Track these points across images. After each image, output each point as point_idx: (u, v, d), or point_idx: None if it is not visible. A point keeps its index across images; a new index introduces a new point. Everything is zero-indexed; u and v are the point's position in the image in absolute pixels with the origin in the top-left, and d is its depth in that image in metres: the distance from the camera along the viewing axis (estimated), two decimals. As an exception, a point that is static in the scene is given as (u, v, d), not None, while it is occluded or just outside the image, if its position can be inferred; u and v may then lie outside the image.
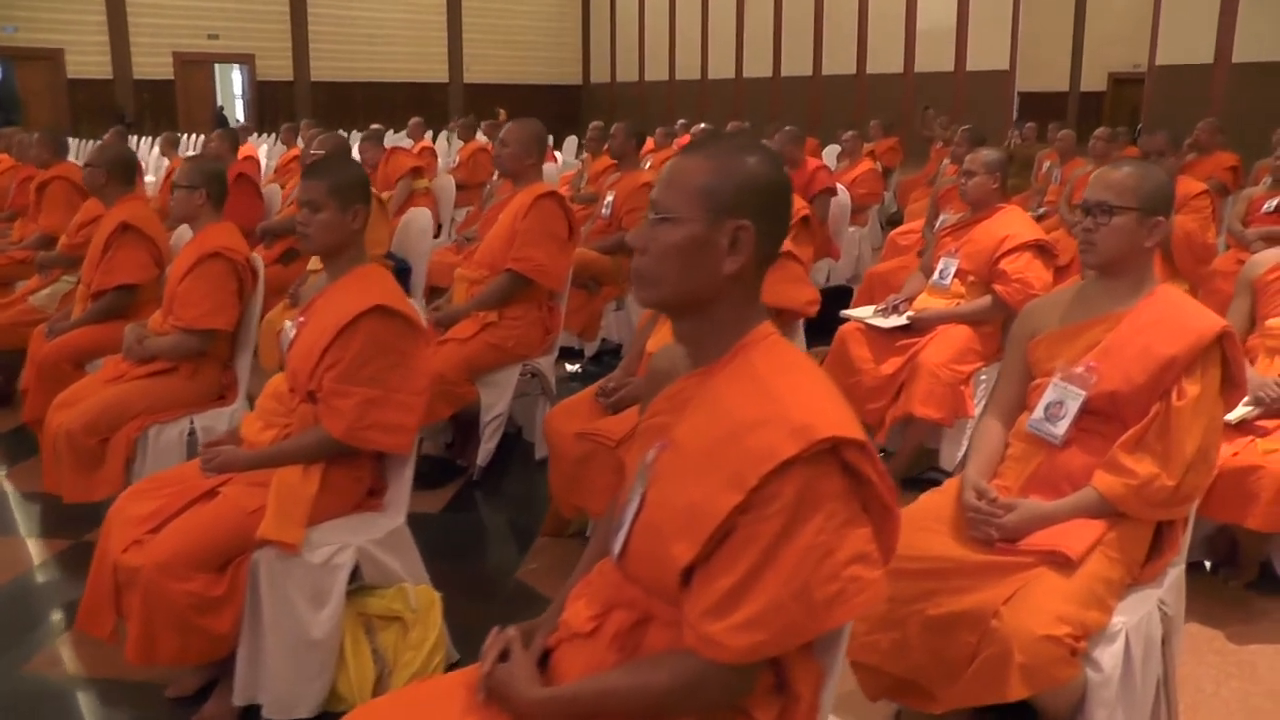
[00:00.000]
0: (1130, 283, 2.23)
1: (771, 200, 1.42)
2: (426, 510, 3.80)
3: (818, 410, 1.31)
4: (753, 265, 1.42)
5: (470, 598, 3.18)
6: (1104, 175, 2.22)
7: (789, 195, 1.46)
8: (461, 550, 3.53)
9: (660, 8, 24.47)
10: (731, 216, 1.39)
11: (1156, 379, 2.09)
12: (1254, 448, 2.87)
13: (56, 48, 21.10)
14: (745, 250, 1.40)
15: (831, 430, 1.28)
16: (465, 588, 3.28)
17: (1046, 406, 2.18)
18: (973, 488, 2.15)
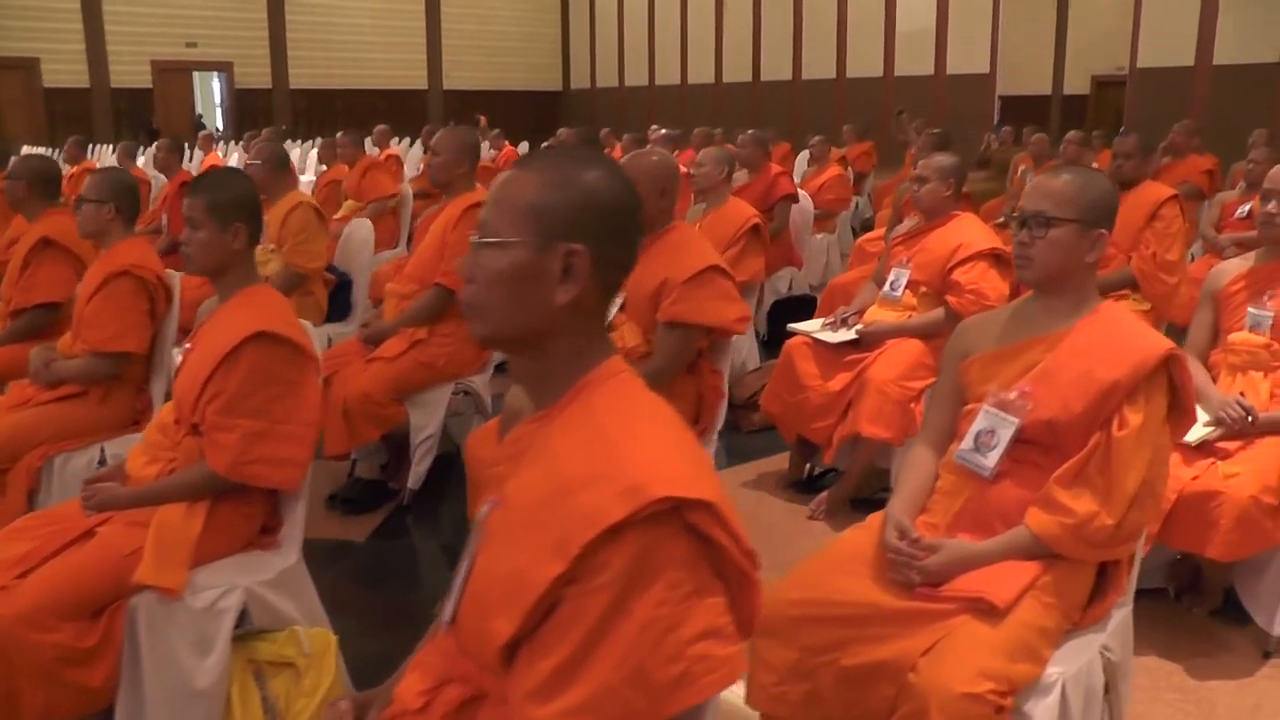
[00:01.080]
0: (1071, 300, 2.05)
1: (612, 222, 1.25)
2: (353, 538, 3.63)
3: (657, 466, 1.13)
4: (593, 294, 1.25)
5: (390, 629, 3.00)
6: (1042, 184, 2.05)
7: (634, 216, 1.29)
8: (385, 579, 3.35)
9: (639, 13, 24.34)
10: (563, 240, 1.22)
11: (1097, 406, 1.92)
12: (1215, 471, 2.70)
13: (32, 57, 20.85)
14: (579, 278, 1.23)
15: (669, 489, 1.10)
16: (386, 619, 3.10)
17: (976, 435, 2.00)
18: (894, 526, 1.97)
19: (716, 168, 4.52)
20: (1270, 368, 2.89)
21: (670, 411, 1.27)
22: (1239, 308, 2.99)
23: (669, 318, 2.82)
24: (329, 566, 3.45)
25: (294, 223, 4.58)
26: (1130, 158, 4.49)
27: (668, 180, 2.91)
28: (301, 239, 4.58)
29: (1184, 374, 1.93)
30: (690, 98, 23.09)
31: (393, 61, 24.82)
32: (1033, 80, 18.78)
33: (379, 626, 3.04)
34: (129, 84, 21.70)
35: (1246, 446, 2.76)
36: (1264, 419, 2.78)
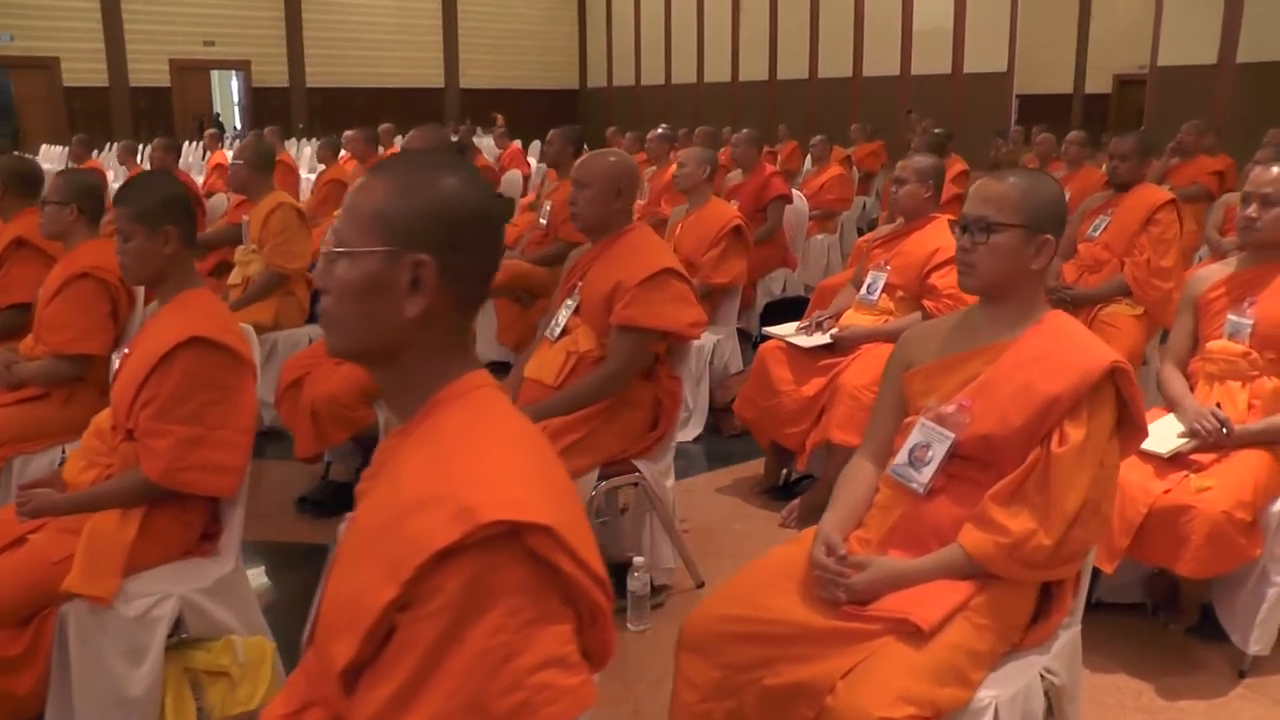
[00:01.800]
0: (1016, 310, 1.96)
1: (463, 231, 1.19)
2: (322, 541, 3.57)
3: (493, 487, 1.07)
4: (446, 306, 1.19)
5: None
6: (984, 187, 1.97)
7: (489, 225, 1.23)
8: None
9: (656, 12, 24.26)
10: (410, 249, 1.16)
11: (1037, 421, 1.83)
12: (1187, 485, 2.61)
13: (52, 56, 21.00)
14: (427, 290, 1.17)
15: (502, 513, 1.04)
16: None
17: (911, 450, 1.92)
18: (823, 541, 1.90)
19: (698, 167, 4.44)
20: (1248, 377, 2.79)
21: (526, 429, 1.20)
22: (1219, 314, 2.89)
23: (621, 321, 2.75)
24: (297, 570, 3.41)
25: (275, 223, 4.54)
26: (1127, 159, 4.38)
27: (623, 180, 2.84)
28: (282, 239, 4.54)
29: (1131, 387, 1.85)
30: (706, 96, 23.00)
31: (409, 60, 24.86)
32: (1053, 79, 18.56)
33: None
34: (147, 83, 21.82)
35: (1221, 460, 2.66)
36: (1239, 431, 2.68)
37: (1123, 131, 4.62)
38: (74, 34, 20.95)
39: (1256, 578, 2.67)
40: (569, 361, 2.85)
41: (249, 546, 3.52)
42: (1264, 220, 2.79)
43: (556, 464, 1.20)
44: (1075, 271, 4.45)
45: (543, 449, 1.19)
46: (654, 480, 2.89)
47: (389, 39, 24.47)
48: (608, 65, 26.25)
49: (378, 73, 24.36)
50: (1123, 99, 18.50)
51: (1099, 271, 4.37)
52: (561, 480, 1.17)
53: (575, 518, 1.12)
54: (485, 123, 21.11)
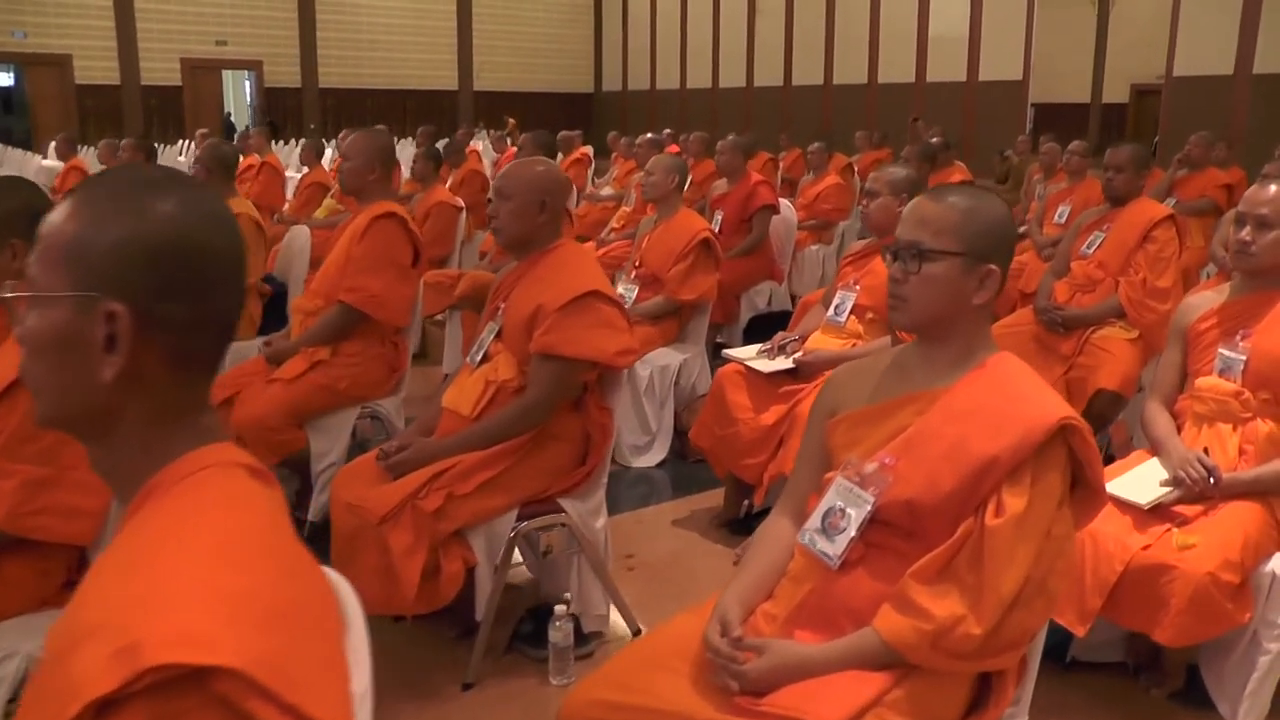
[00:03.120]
0: (955, 351, 1.68)
1: (171, 273, 0.94)
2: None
3: (173, 616, 0.81)
4: (157, 368, 0.94)
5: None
6: (919, 208, 1.69)
7: (216, 262, 0.97)
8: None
9: (672, 16, 24.05)
10: (105, 295, 0.91)
11: (970, 486, 1.55)
12: (1168, 541, 2.32)
13: (65, 54, 20.96)
14: (123, 347, 0.92)
15: (170, 655, 0.77)
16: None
17: (825, 514, 1.65)
18: (717, 618, 1.63)
19: (666, 177, 4.18)
20: (1240, 419, 2.49)
21: (255, 526, 0.94)
22: (1209, 348, 2.60)
23: (539, 348, 2.49)
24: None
25: None
26: (1122, 171, 4.08)
27: (548, 192, 2.58)
28: None
29: (1086, 447, 1.56)
30: (721, 101, 22.78)
31: (423, 61, 24.71)
32: (1070, 88, 18.21)
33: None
34: (159, 81, 21.76)
35: (1208, 513, 2.38)
36: (1228, 481, 2.39)
37: (1118, 142, 4.32)
38: (87, 31, 20.91)
39: (1247, 644, 2.38)
40: (488, 391, 2.59)
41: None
42: (1259, 244, 2.50)
43: (293, 575, 0.93)
44: (1067, 291, 4.15)
45: (272, 552, 0.93)
46: (581, 520, 2.63)
47: (403, 40, 24.33)
48: (623, 69, 26.05)
49: (391, 74, 24.21)
50: (1140, 109, 18.13)
51: (1092, 291, 4.08)
52: (293, 598, 0.91)
53: (299, 650, 0.86)
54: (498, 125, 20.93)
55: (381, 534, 2.45)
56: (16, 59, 20.89)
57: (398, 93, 24.17)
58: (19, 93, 21.87)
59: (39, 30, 20.48)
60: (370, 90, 23.88)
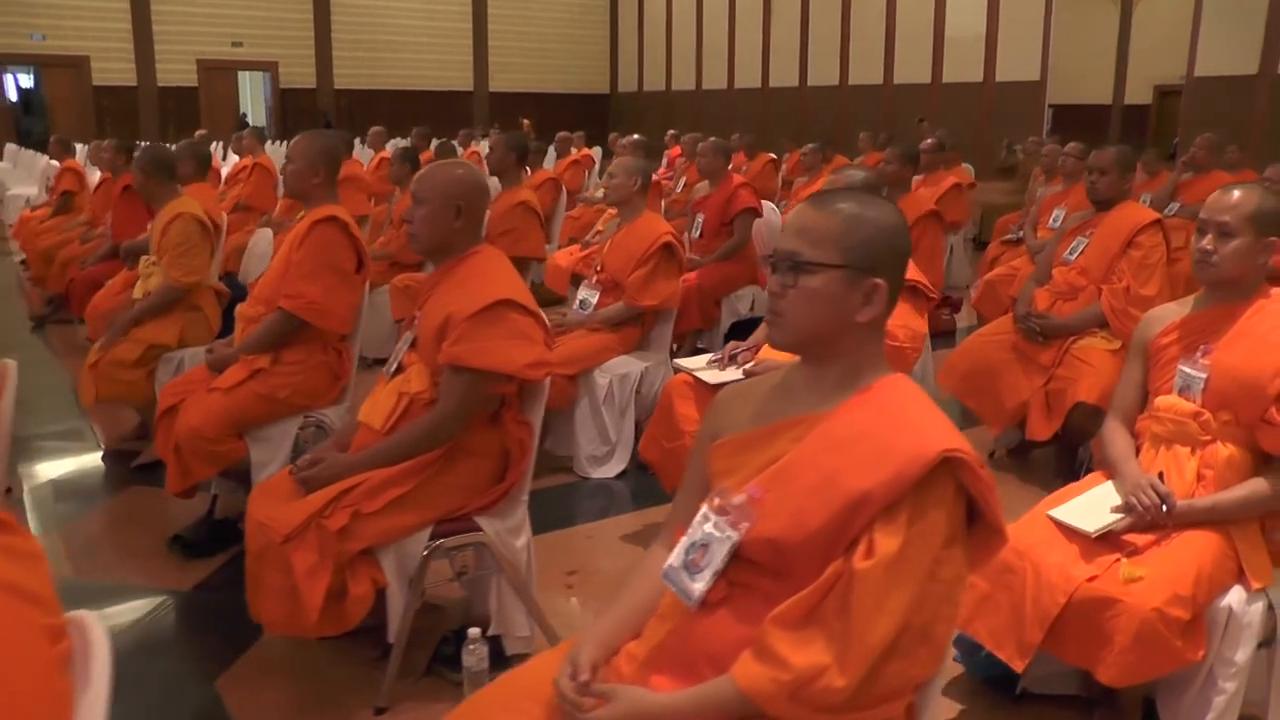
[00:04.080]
0: (840, 373, 1.52)
1: None
2: (175, 587, 3.22)
3: None
4: None
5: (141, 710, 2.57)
6: (799, 215, 1.53)
7: None
8: (169, 647, 2.90)
9: (688, 17, 23.94)
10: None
11: (839, 524, 1.39)
12: (1115, 573, 2.15)
13: (82, 55, 21.08)
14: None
15: None
16: (146, 695, 2.65)
17: (688, 549, 1.50)
18: (569, 660, 1.49)
19: (628, 179, 4.03)
20: (1199, 442, 2.31)
21: None
22: (1169, 364, 2.42)
23: (447, 359, 2.35)
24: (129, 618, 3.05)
25: (173, 234, 4.18)
26: (1106, 173, 3.91)
27: (465, 197, 2.44)
28: (180, 251, 4.18)
29: (977, 480, 1.40)
30: (737, 102, 22.64)
31: (438, 63, 24.71)
32: (1091, 89, 17.92)
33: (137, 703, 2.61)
34: (175, 82, 21.85)
35: (1159, 543, 2.21)
36: (1183, 509, 2.22)
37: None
38: (103, 33, 21.03)
39: (1203, 682, 2.20)
40: (400, 403, 2.46)
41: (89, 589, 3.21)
42: (1221, 254, 2.33)
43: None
44: (1048, 298, 3.98)
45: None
46: (500, 539, 2.49)
47: (418, 41, 24.33)
48: (638, 70, 25.95)
49: (406, 75, 24.23)
50: (1163, 110, 17.80)
51: (1074, 299, 3.90)
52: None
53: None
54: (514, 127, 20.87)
55: (285, 553, 2.32)
56: (35, 61, 21.04)
57: (412, 94, 24.17)
58: (38, 94, 22.03)
59: (56, 32, 20.61)
60: (385, 91, 23.90)
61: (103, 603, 3.14)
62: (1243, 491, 2.24)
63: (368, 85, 23.76)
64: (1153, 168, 6.68)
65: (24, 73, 22.33)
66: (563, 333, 4.04)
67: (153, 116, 21.39)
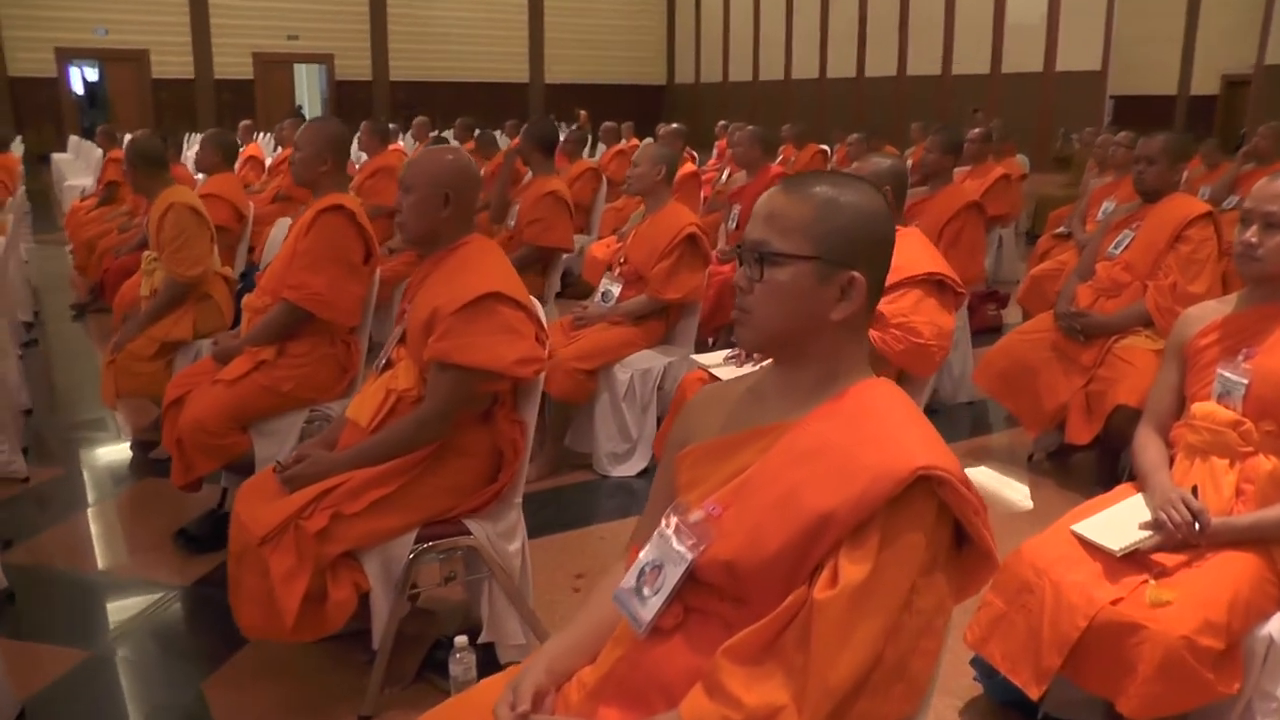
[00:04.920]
0: (814, 376, 1.36)
1: None
2: (177, 581, 3.17)
3: None
4: None
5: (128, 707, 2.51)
6: (769, 201, 1.37)
7: None
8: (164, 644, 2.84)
9: (745, 7, 23.71)
10: None
11: (802, 547, 1.24)
12: (1141, 595, 1.98)
13: (142, 49, 21.46)
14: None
15: None
16: (134, 692, 2.59)
17: (641, 570, 1.36)
18: (510, 687, 1.38)
19: (652, 168, 3.89)
20: (1239, 454, 2.12)
21: None
22: (1207, 368, 2.23)
23: (433, 355, 2.24)
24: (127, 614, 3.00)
25: (168, 228, 4.07)
26: (1154, 163, 3.69)
27: (454, 185, 2.33)
28: (179, 245, 4.07)
29: (960, 500, 1.24)
30: (794, 93, 22.39)
31: (494, 54, 24.73)
32: (1155, 79, 17.35)
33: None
34: (232, 75, 22.14)
35: (1192, 564, 2.02)
36: (1219, 527, 2.03)
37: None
38: (162, 27, 21.39)
39: (1239, 718, 2.03)
40: (388, 400, 2.35)
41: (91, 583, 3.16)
42: (1267, 247, 2.13)
43: None
44: (1090, 295, 3.77)
45: None
46: (491, 543, 2.38)
47: (473, 33, 24.38)
48: (695, 61, 25.77)
49: (462, 67, 24.30)
50: (1231, 101, 17.12)
51: (1117, 296, 3.69)
52: None
53: None
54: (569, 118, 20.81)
55: (262, 556, 2.24)
56: (99, 55, 21.48)
57: (468, 85, 24.23)
58: (102, 88, 22.49)
59: (118, 27, 20.99)
60: (440, 83, 23.98)
61: (104, 597, 3.10)
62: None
63: (423, 77, 23.86)
64: (1213, 159, 6.38)
65: (90, 66, 22.81)
66: (584, 325, 3.93)
67: (209, 109, 21.69)
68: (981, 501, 1.26)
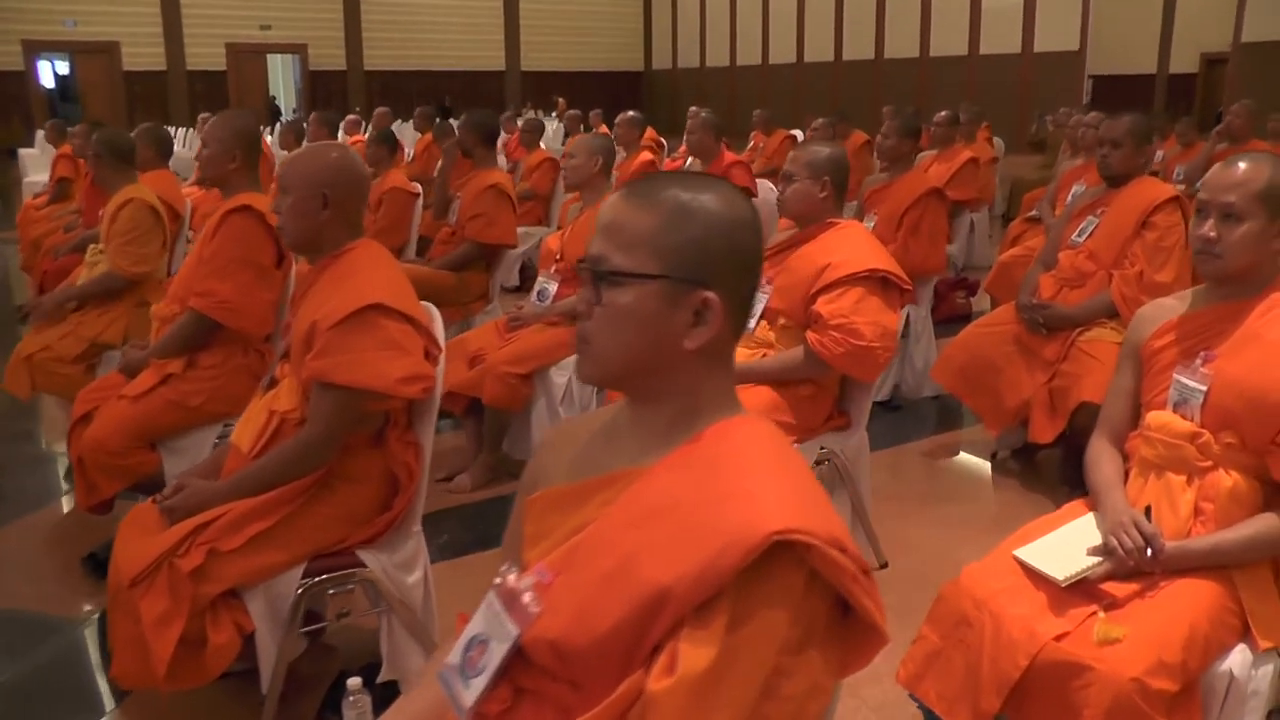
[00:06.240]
0: (668, 415, 1.16)
1: None
2: (72, 614, 2.96)
3: None
4: None
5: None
6: (609, 209, 1.15)
7: None
8: (53, 686, 2.63)
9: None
10: None
11: (638, 627, 1.03)
12: (1089, 630, 1.78)
13: (113, 41, 21.12)
14: None
15: None
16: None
17: (468, 644, 1.16)
18: None
19: (589, 159, 3.68)
20: (1197, 469, 1.92)
21: None
22: (1163, 372, 2.04)
23: (310, 374, 2.04)
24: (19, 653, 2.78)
25: (122, 220, 3.89)
26: (1119, 146, 3.50)
27: (333, 185, 2.12)
28: (129, 239, 3.90)
29: (834, 568, 1.03)
30: (771, 78, 22.20)
31: (469, 42, 24.46)
32: (1134, 58, 17.18)
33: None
34: (204, 66, 21.83)
35: (1145, 594, 1.82)
36: (1174, 552, 1.83)
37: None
38: (133, 19, 21.07)
39: (1199, 759, 1.84)
40: (270, 423, 2.15)
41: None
42: (1226, 243, 1.94)
43: None
44: (1053, 286, 3.58)
45: None
46: (388, 575, 2.18)
47: (449, 21, 24.10)
48: (672, 47, 25.54)
49: (437, 55, 24.02)
50: (1210, 79, 16.96)
51: (1081, 286, 3.51)
52: None
53: None
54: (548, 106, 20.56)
55: (133, 599, 2.03)
56: (68, 48, 21.12)
57: (444, 74, 23.94)
58: (73, 81, 22.16)
59: (87, 19, 20.65)
60: (416, 72, 23.69)
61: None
62: (1249, 530, 1.85)
63: (398, 66, 23.57)
64: (1188, 138, 6.20)
65: (61, 59, 22.45)
66: (520, 327, 3.73)
67: (182, 101, 21.37)
68: (863, 564, 1.05)
